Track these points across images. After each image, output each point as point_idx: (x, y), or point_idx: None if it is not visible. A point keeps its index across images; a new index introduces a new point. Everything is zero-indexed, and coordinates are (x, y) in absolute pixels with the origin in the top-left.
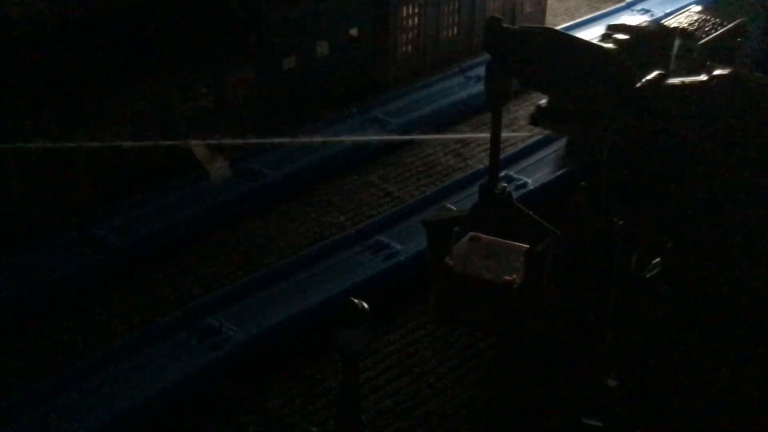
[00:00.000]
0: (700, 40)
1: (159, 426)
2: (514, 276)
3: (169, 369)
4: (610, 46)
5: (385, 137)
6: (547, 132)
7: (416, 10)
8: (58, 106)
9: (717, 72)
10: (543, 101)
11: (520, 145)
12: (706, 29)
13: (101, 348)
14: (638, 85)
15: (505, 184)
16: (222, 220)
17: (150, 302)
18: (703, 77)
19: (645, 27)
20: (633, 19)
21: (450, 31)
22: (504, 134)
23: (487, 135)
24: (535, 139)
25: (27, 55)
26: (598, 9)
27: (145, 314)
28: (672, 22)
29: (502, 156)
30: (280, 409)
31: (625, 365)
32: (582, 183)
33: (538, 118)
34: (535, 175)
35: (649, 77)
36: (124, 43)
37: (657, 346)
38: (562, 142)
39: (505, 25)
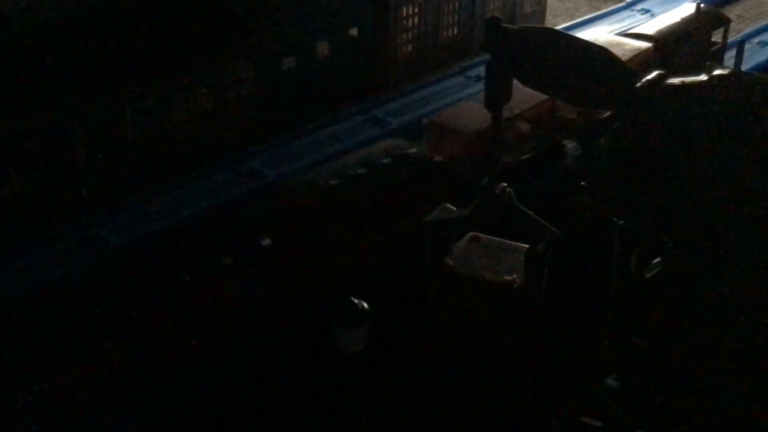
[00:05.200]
0: None
1: None
2: (514, 276)
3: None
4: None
5: None
6: None
7: (416, 10)
8: (58, 105)
9: (717, 72)
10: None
11: None
12: None
13: None
14: (638, 85)
15: (505, 184)
16: None
17: None
18: (703, 77)
19: None
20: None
21: (450, 31)
22: None
23: None
24: None
25: (27, 54)
26: (598, 9)
27: None
28: None
29: None
30: (281, 410)
31: (625, 365)
32: (582, 183)
33: None
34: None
35: (649, 77)
36: (125, 42)
37: (657, 346)
38: None
39: (505, 25)
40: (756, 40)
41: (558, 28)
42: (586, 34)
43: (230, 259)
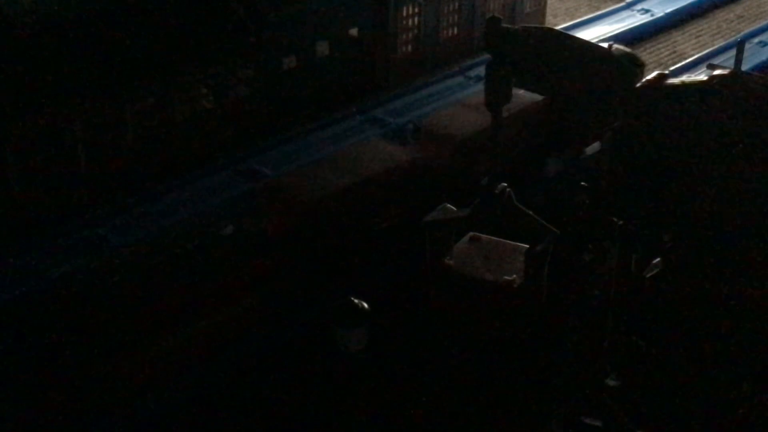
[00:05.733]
0: None
1: None
2: (514, 276)
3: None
4: None
5: None
6: None
7: (416, 10)
8: (58, 105)
9: (717, 72)
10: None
11: None
12: None
13: None
14: (638, 85)
15: (505, 184)
16: None
17: None
18: (703, 77)
19: None
20: (634, 19)
21: (450, 31)
22: None
23: None
24: None
25: (28, 54)
26: (598, 9)
27: None
28: None
29: None
30: (280, 409)
31: (625, 365)
32: (582, 183)
33: None
34: None
35: (649, 77)
36: (125, 42)
37: (657, 346)
38: None
39: (505, 25)
40: (756, 40)
41: (558, 28)
42: (586, 34)
43: None
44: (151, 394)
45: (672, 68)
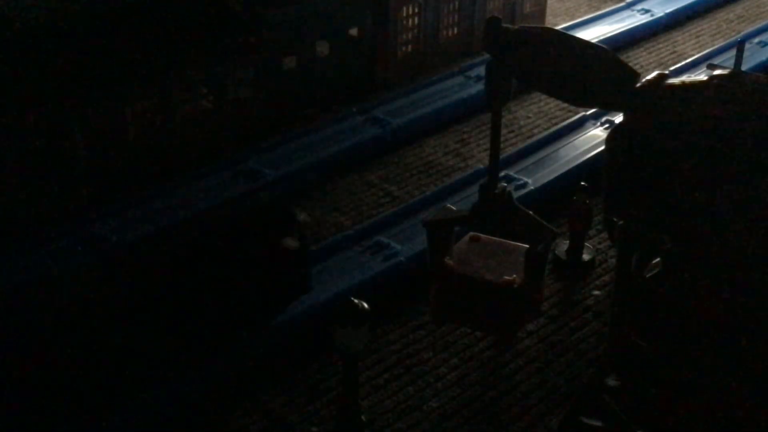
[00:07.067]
0: None
1: None
2: (514, 276)
3: None
4: None
5: None
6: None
7: (416, 10)
8: (58, 105)
9: (717, 72)
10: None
11: (520, 145)
12: None
13: None
14: (638, 85)
15: (505, 184)
16: None
17: None
18: (703, 77)
19: None
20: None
21: (450, 31)
22: None
23: None
24: (535, 139)
25: (27, 53)
26: (598, 9)
27: None
28: None
29: (502, 156)
30: (280, 410)
31: (625, 365)
32: (582, 183)
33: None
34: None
35: (649, 77)
36: (125, 42)
37: (657, 347)
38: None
39: (505, 25)
40: (756, 40)
41: (558, 28)
42: (586, 34)
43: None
44: (150, 394)
45: (672, 68)
